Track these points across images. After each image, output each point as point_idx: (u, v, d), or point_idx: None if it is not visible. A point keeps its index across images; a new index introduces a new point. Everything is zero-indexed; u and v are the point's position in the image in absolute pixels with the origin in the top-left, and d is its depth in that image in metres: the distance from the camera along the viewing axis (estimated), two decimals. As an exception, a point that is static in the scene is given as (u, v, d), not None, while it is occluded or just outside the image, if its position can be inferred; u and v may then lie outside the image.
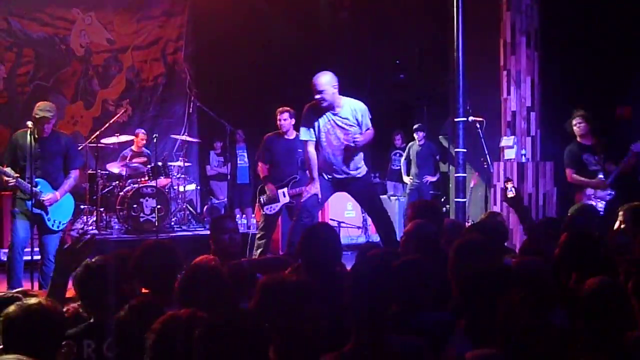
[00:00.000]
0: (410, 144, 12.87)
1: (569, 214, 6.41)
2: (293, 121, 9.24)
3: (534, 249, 5.06)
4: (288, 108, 9.32)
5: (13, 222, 7.55)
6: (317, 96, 7.17)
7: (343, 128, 7.29)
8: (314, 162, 7.35)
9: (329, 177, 7.48)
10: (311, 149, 7.34)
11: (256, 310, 3.25)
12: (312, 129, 7.31)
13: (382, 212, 7.73)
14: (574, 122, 8.68)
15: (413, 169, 12.61)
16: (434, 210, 5.71)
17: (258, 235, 9.14)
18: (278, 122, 9.32)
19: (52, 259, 7.39)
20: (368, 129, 7.37)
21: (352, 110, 7.29)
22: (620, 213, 5.87)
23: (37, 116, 7.37)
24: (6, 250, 7.96)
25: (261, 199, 9.20)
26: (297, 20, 13.70)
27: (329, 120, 7.28)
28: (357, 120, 7.29)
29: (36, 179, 7.31)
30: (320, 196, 7.40)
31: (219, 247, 5.37)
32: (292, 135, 9.33)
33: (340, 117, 7.28)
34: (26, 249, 7.58)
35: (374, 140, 7.58)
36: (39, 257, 7.60)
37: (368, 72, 14.57)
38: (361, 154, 7.54)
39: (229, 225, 5.57)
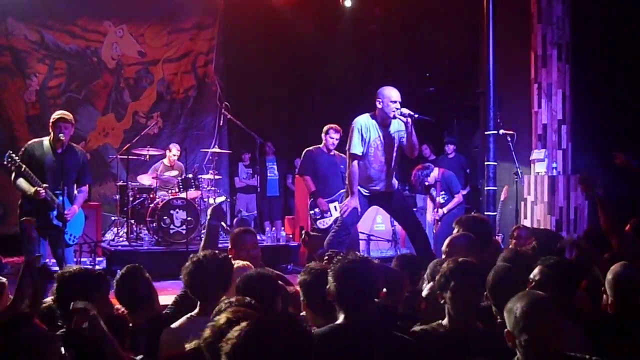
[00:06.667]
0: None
1: None
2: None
3: None
4: (338, 127, 9.25)
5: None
6: (396, 106, 7.13)
7: (392, 142, 7.33)
8: (357, 177, 7.33)
9: (367, 192, 7.49)
10: (356, 163, 7.32)
11: None
12: (364, 144, 7.29)
13: (417, 225, 7.67)
14: None
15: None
16: (481, 225, 5.57)
17: None
18: (328, 139, 9.24)
19: None
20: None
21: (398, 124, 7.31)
22: None
23: (54, 118, 7.29)
24: None
25: (314, 214, 9.10)
26: (327, 35, 13.72)
27: (379, 136, 7.29)
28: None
29: (56, 192, 7.19)
30: (360, 210, 7.40)
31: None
32: (333, 151, 9.33)
33: (390, 131, 7.32)
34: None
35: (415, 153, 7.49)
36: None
37: (398, 84, 14.52)
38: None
39: (249, 240, 5.44)
